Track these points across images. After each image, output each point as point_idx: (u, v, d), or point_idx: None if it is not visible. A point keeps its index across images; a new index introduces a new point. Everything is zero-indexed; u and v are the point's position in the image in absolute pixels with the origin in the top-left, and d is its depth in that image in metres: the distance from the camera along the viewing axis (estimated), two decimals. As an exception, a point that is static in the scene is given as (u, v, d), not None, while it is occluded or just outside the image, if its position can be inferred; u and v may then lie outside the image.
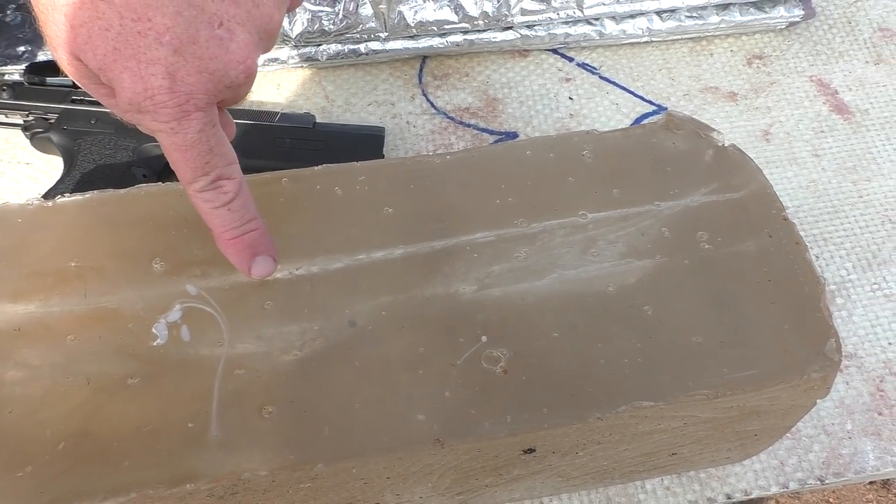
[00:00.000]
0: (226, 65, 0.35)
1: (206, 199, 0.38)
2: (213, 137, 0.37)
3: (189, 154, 0.37)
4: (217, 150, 0.37)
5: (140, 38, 0.33)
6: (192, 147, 0.36)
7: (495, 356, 0.41)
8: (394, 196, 0.46)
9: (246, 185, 0.40)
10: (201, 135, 0.36)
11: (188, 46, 0.34)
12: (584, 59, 0.72)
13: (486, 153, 0.47)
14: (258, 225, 0.41)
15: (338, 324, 0.42)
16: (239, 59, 0.36)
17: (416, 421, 0.39)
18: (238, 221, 0.40)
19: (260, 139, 0.61)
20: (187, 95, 0.35)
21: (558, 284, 0.44)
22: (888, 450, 0.55)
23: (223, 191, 0.38)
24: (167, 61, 0.34)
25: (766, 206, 0.46)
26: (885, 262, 0.63)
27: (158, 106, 0.35)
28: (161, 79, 0.34)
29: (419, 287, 0.44)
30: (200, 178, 0.38)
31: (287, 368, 0.41)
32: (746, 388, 0.40)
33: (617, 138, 0.48)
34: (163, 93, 0.34)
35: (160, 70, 0.34)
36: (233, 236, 0.40)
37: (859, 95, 0.71)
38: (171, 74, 0.34)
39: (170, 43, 0.34)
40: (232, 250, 0.41)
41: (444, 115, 0.68)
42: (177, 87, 0.34)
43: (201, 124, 0.36)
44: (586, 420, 0.39)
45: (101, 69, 0.35)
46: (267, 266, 0.41)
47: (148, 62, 0.34)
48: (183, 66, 0.34)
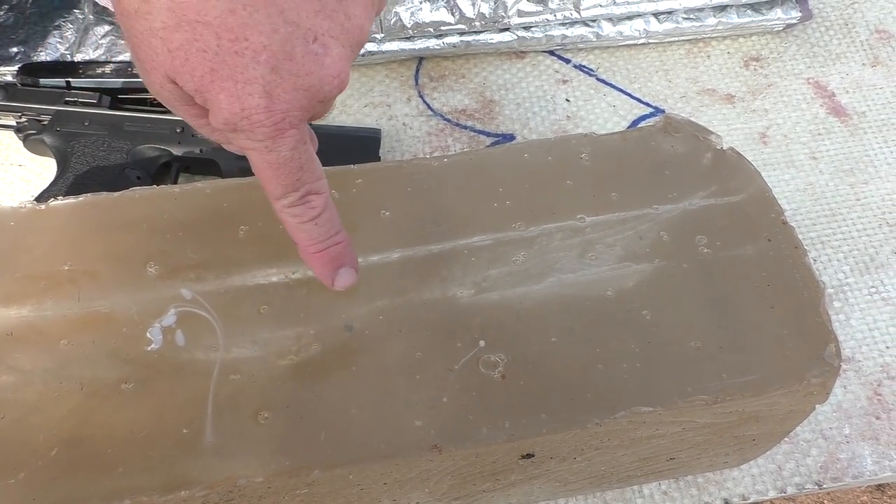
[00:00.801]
0: (321, 80, 0.35)
1: (295, 213, 0.38)
2: (304, 154, 0.36)
3: (281, 171, 0.36)
4: (307, 166, 0.37)
5: (237, 57, 0.33)
6: (284, 164, 0.36)
7: (493, 361, 0.41)
8: (390, 199, 0.45)
9: (331, 200, 0.40)
10: (294, 152, 0.36)
11: (284, 63, 0.34)
12: (581, 60, 0.72)
13: (483, 156, 0.47)
14: (343, 238, 0.41)
15: (334, 328, 0.42)
16: (333, 74, 0.35)
17: (414, 427, 0.39)
18: (324, 235, 0.40)
19: (255, 141, 0.61)
20: (283, 113, 0.35)
21: (556, 288, 0.43)
22: (886, 454, 0.55)
23: (311, 206, 0.38)
24: (264, 80, 0.34)
25: (764, 209, 0.45)
26: (882, 265, 0.62)
27: (255, 125, 0.34)
28: (258, 98, 0.34)
29: (416, 291, 0.43)
30: (290, 194, 0.37)
31: (283, 373, 0.40)
32: (745, 393, 0.40)
33: (615, 141, 0.48)
34: (260, 112, 0.34)
35: (257, 89, 0.34)
36: (318, 250, 0.40)
37: (856, 98, 0.70)
38: (269, 93, 0.34)
39: (267, 61, 0.33)
40: (317, 263, 0.41)
41: (440, 116, 0.68)
42: (273, 106, 0.34)
43: (294, 142, 0.36)
44: (585, 426, 0.39)
45: (198, 90, 0.34)
46: (350, 277, 0.42)
47: (245, 82, 0.33)
48: (280, 83, 0.34)
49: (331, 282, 0.41)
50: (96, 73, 0.63)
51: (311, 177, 0.38)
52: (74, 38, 0.63)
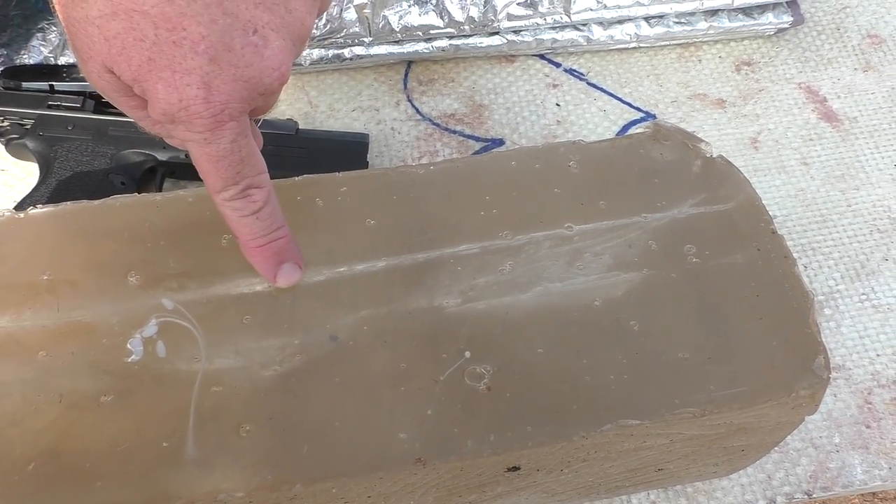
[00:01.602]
0: (261, 72, 0.35)
1: (235, 207, 0.38)
2: (245, 147, 0.36)
3: (220, 164, 0.36)
4: (248, 159, 0.37)
5: (175, 47, 0.33)
6: (224, 157, 0.36)
7: (479, 372, 0.40)
8: (376, 207, 0.45)
9: (274, 193, 0.40)
10: (234, 145, 0.36)
11: (224, 54, 0.34)
12: (571, 64, 0.71)
13: (470, 163, 0.47)
14: (285, 233, 0.41)
15: (319, 338, 0.42)
16: (273, 66, 0.35)
17: (398, 439, 0.38)
18: (266, 230, 0.40)
19: (241, 146, 0.60)
20: (222, 105, 0.35)
21: (544, 298, 0.43)
22: (876, 463, 0.55)
23: (252, 199, 0.38)
24: (202, 70, 0.33)
25: (754, 218, 0.45)
26: (873, 272, 0.62)
27: (193, 116, 0.34)
28: (196, 88, 0.34)
29: (402, 300, 0.43)
30: (230, 188, 0.37)
31: (266, 384, 0.40)
32: (734, 405, 0.40)
33: (604, 149, 0.47)
34: (198, 103, 0.34)
35: (196, 80, 0.34)
36: (259, 244, 0.40)
37: (848, 103, 0.70)
38: (207, 84, 0.34)
39: (205, 52, 0.33)
40: (259, 258, 0.41)
41: (429, 121, 0.67)
42: (212, 97, 0.34)
43: (234, 134, 0.36)
44: (571, 439, 0.39)
45: (136, 80, 0.34)
46: (293, 273, 0.41)
47: (183, 72, 0.33)
48: (218, 74, 0.34)
49: (273, 277, 0.41)
50: (80, 76, 0.62)
51: (252, 170, 0.38)
52: (58, 41, 0.63)
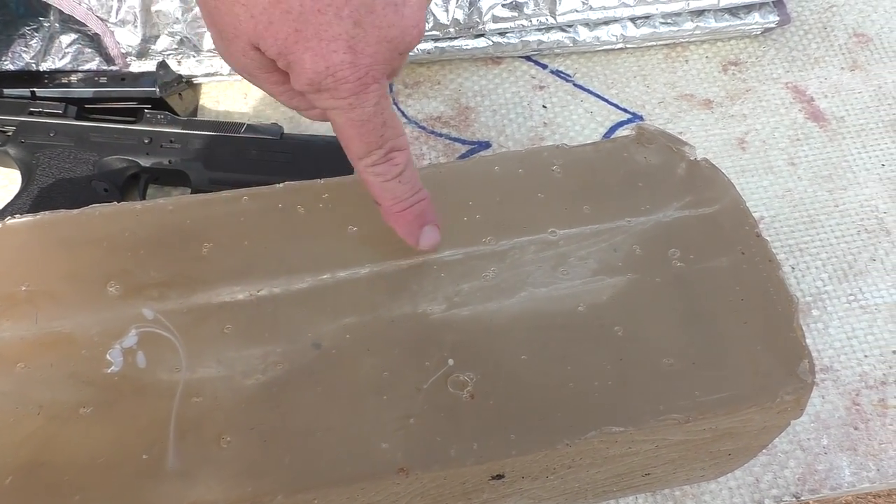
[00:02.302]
0: (402, 31, 0.35)
1: (379, 172, 0.38)
2: (386, 109, 0.37)
3: (365, 128, 0.37)
4: (390, 121, 0.37)
5: (320, 15, 0.33)
6: (368, 121, 0.36)
7: (462, 380, 0.40)
8: (359, 214, 0.45)
9: (411, 155, 0.40)
10: (377, 107, 0.36)
11: (367, 17, 0.34)
12: (557, 66, 0.71)
13: (453, 169, 0.46)
14: (425, 195, 0.41)
15: (302, 346, 0.41)
16: (412, 23, 0.36)
17: (380, 449, 0.38)
18: (409, 192, 0.40)
19: (225, 151, 0.60)
20: (367, 67, 0.35)
21: (528, 303, 0.43)
22: (864, 465, 0.55)
23: (394, 163, 0.38)
24: (348, 35, 0.34)
25: (738, 222, 0.45)
26: (860, 272, 0.62)
27: (340, 82, 0.35)
28: (343, 53, 0.34)
29: (386, 307, 0.43)
30: (374, 152, 0.38)
31: (248, 394, 0.40)
32: (718, 411, 0.40)
33: (587, 153, 0.47)
34: (345, 68, 0.34)
35: (342, 45, 0.34)
36: (403, 208, 0.40)
37: (835, 102, 0.70)
38: (353, 48, 0.34)
39: (350, 16, 0.34)
40: (402, 222, 0.41)
41: (415, 124, 0.67)
42: (358, 61, 0.35)
43: (377, 96, 0.36)
44: (555, 446, 0.39)
45: (282, 53, 0.35)
46: (434, 236, 0.42)
47: (330, 39, 0.34)
48: (363, 37, 0.34)
49: (416, 240, 0.41)
50: (62, 82, 0.62)
51: (394, 132, 0.38)
52: (39, 46, 0.62)
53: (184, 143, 0.60)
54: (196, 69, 0.65)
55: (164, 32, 0.64)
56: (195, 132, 0.60)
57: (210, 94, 0.67)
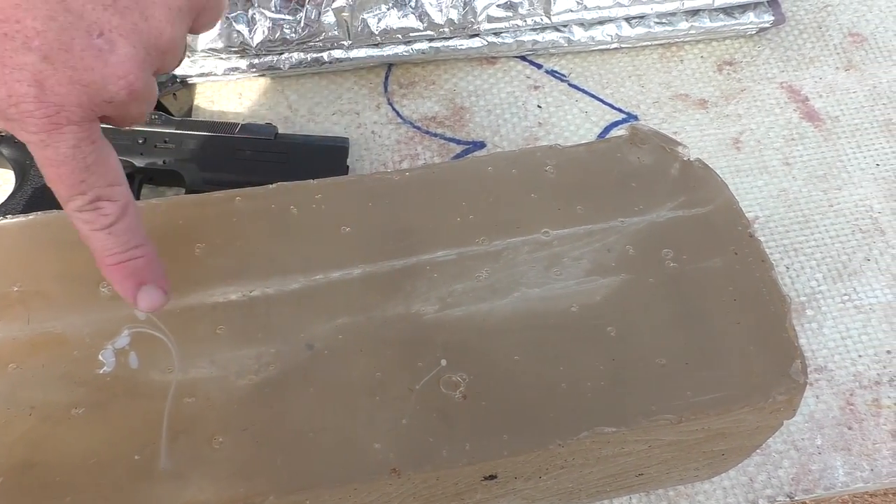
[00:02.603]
0: (104, 78, 0.33)
1: (85, 219, 0.36)
2: (90, 155, 0.34)
3: (62, 170, 0.34)
4: (95, 168, 0.35)
5: (7, 40, 0.31)
6: (64, 163, 0.34)
7: (455, 381, 0.40)
8: (351, 214, 0.45)
9: (134, 209, 0.37)
10: (76, 150, 0.34)
11: (60, 54, 0.32)
12: (552, 66, 0.71)
13: (446, 169, 0.46)
14: (144, 252, 0.38)
15: (295, 347, 0.41)
16: (119, 74, 0.34)
17: (373, 450, 0.38)
18: (120, 247, 0.37)
19: (219, 152, 0.60)
20: (57, 107, 0.33)
21: (521, 304, 0.43)
22: (858, 465, 0.55)
23: (103, 213, 0.36)
24: (35, 68, 0.32)
25: (731, 222, 0.45)
26: (855, 272, 0.62)
27: (24, 115, 0.33)
28: (27, 86, 0.32)
29: (379, 308, 0.43)
30: (76, 197, 0.35)
31: (241, 394, 0.40)
32: (710, 411, 0.40)
33: (580, 153, 0.47)
34: (28, 101, 0.32)
35: (27, 76, 0.32)
36: (114, 262, 0.37)
37: (830, 102, 0.70)
38: (40, 83, 0.32)
39: (39, 48, 0.32)
40: (114, 277, 0.38)
41: (410, 124, 0.67)
42: (45, 97, 0.32)
43: (75, 139, 0.34)
44: (547, 447, 0.39)
45: None
46: (154, 297, 0.38)
47: (13, 67, 0.32)
48: (52, 74, 0.32)
49: (132, 299, 0.38)
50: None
51: (101, 181, 0.35)
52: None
53: (178, 144, 0.60)
54: (190, 69, 0.65)
55: (158, 32, 0.63)
56: (189, 132, 0.60)
57: (205, 94, 0.67)
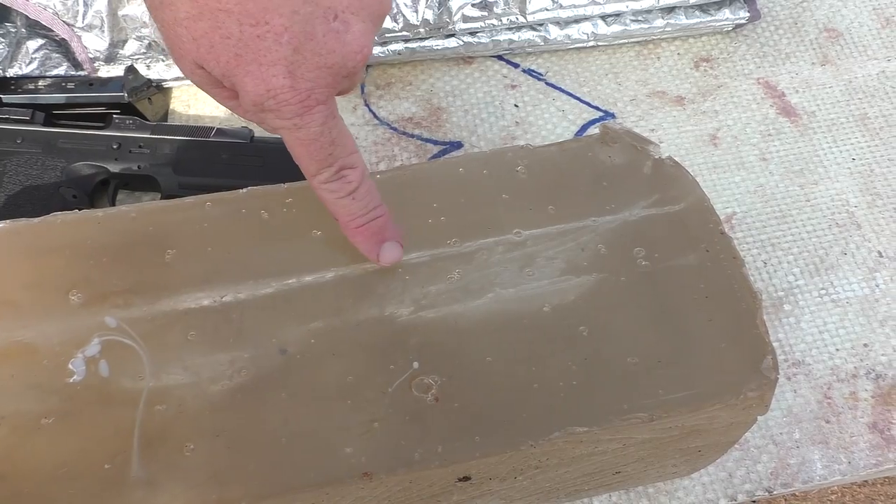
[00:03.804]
0: (343, 57, 0.36)
1: (331, 189, 0.39)
2: (334, 129, 0.38)
3: (312, 147, 0.38)
4: (339, 140, 0.38)
5: (259, 41, 0.35)
6: (315, 140, 0.37)
7: (427, 383, 0.40)
8: (322, 218, 0.44)
9: (368, 174, 0.41)
10: (323, 127, 0.37)
11: (306, 44, 0.35)
12: (529, 65, 0.71)
13: (416, 171, 0.46)
14: (383, 211, 0.42)
15: (268, 352, 0.41)
16: (356, 50, 0.37)
17: (344, 454, 0.38)
18: (363, 209, 0.41)
19: (195, 156, 0.60)
20: (308, 91, 0.36)
21: (494, 304, 0.43)
22: (835, 458, 0.55)
23: (347, 180, 0.39)
24: (287, 60, 0.35)
25: (703, 220, 0.45)
26: (832, 266, 0.63)
27: (281, 104, 0.36)
28: (283, 78, 0.35)
29: (352, 311, 0.42)
30: (324, 170, 0.39)
31: (214, 400, 0.39)
32: (682, 409, 0.40)
33: (552, 153, 0.47)
34: (285, 91, 0.35)
35: (281, 70, 0.35)
36: (359, 224, 0.41)
37: (806, 97, 0.70)
38: (292, 73, 0.35)
39: (289, 42, 0.35)
40: (360, 238, 0.42)
41: (386, 125, 0.67)
42: (297, 85, 0.36)
43: (323, 117, 0.37)
44: (519, 448, 0.39)
45: (225, 75, 0.36)
46: (394, 251, 0.42)
47: (269, 64, 0.35)
48: (302, 63, 0.35)
49: (376, 257, 0.42)
50: (29, 88, 0.61)
51: (344, 151, 0.39)
52: (6, 52, 0.62)
53: (153, 149, 0.60)
54: (166, 73, 0.65)
55: (131, 37, 0.63)
56: (164, 137, 0.60)
57: (181, 98, 0.67)
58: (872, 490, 1.30)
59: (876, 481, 1.29)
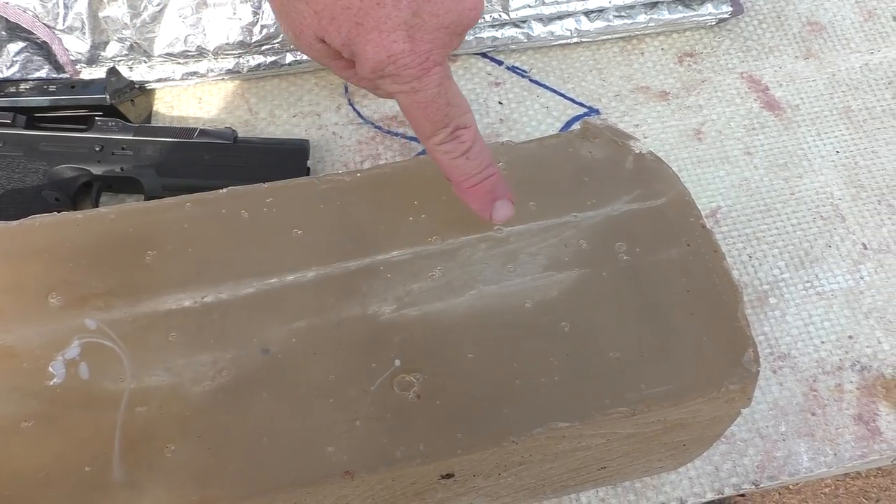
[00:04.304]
0: (459, 15, 0.37)
1: (447, 150, 0.40)
2: (450, 89, 0.38)
3: (429, 109, 0.38)
4: (454, 101, 0.39)
5: (379, 8, 0.35)
6: (432, 102, 0.38)
7: (408, 381, 0.40)
8: (304, 217, 0.44)
9: (479, 132, 0.41)
10: (440, 88, 0.38)
11: (424, 6, 0.36)
12: (513, 62, 0.71)
13: (397, 169, 0.46)
14: (495, 170, 0.42)
15: (250, 352, 0.41)
16: (470, 6, 0.38)
17: (326, 453, 0.38)
18: (477, 168, 0.41)
19: (178, 157, 0.60)
20: (427, 53, 0.37)
21: (477, 301, 0.43)
22: (821, 450, 0.55)
23: (461, 140, 0.40)
24: (406, 25, 0.36)
25: (684, 214, 0.45)
26: (816, 259, 0.63)
27: (401, 69, 0.37)
28: (403, 43, 0.36)
29: (333, 310, 0.42)
30: (440, 131, 0.39)
31: (195, 401, 0.39)
32: (664, 403, 0.40)
33: (532, 149, 0.47)
34: (405, 55, 0.36)
35: (401, 35, 0.36)
36: (473, 183, 0.41)
37: (790, 91, 0.71)
38: (412, 37, 0.36)
39: (407, 7, 0.36)
40: (473, 197, 0.42)
41: (371, 124, 0.67)
42: (417, 48, 0.36)
43: (440, 78, 0.38)
44: (501, 444, 0.39)
45: (345, 45, 0.37)
46: (507, 209, 0.42)
47: (389, 30, 0.36)
48: (422, 25, 0.36)
49: (489, 215, 0.42)
50: (11, 91, 0.61)
51: (458, 111, 0.39)
52: (-13, 56, 0.62)
53: (135, 150, 0.59)
54: (148, 75, 0.65)
55: (113, 38, 0.63)
56: (147, 139, 0.60)
57: (164, 100, 0.67)
58: (866, 483, 1.31)
59: (869, 473, 1.30)
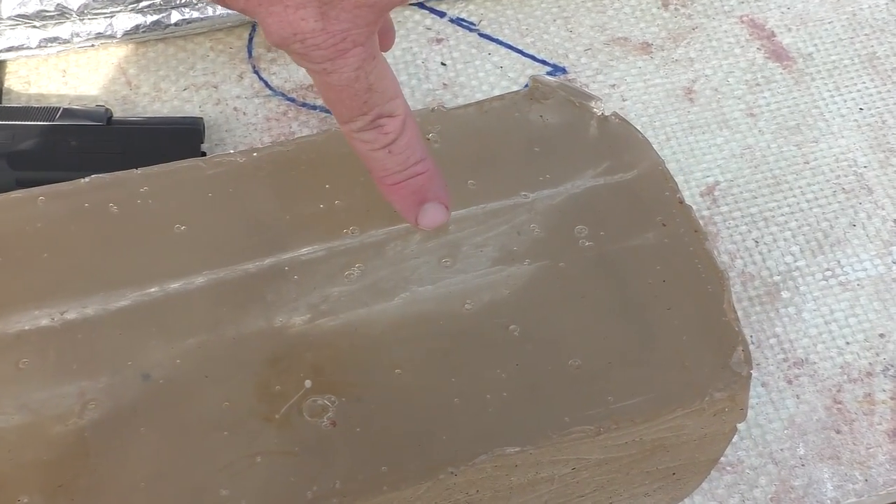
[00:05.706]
0: None
1: (365, 139, 0.41)
2: (372, 72, 0.39)
3: (345, 93, 0.39)
4: (377, 85, 0.40)
5: None
6: (348, 86, 0.39)
7: (322, 405, 0.41)
8: (188, 209, 0.45)
9: (412, 121, 0.42)
10: (359, 72, 0.39)
11: None
12: (458, 13, 0.73)
13: (303, 145, 0.48)
14: (425, 167, 0.43)
15: (126, 378, 0.42)
16: None
17: (220, 498, 0.39)
18: (401, 165, 0.42)
19: (36, 144, 0.60)
20: (343, 33, 0.37)
21: (407, 306, 0.44)
22: (849, 476, 0.57)
23: (383, 131, 0.41)
24: (320, 1, 0.36)
25: (657, 188, 0.47)
26: (838, 241, 0.65)
27: (310, 49, 0.37)
28: (313, 21, 0.36)
29: (230, 323, 0.44)
30: (358, 119, 0.40)
31: (55, 443, 0.40)
32: (636, 418, 0.41)
33: (470, 115, 0.49)
34: (315, 35, 0.37)
35: (311, 13, 0.36)
36: (395, 181, 0.43)
37: (801, 36, 0.73)
38: (325, 14, 0.36)
39: None
40: (395, 197, 0.43)
41: (281, 96, 0.68)
42: (330, 27, 0.37)
43: (359, 61, 0.38)
44: (437, 477, 0.40)
45: (245, 10, 0.38)
46: (437, 214, 0.44)
47: (297, 6, 0.36)
48: (338, 3, 0.36)
49: (414, 219, 0.44)
50: None
51: (382, 97, 0.40)
52: None
53: (-19, 138, 0.60)
54: (-4, 44, 0.66)
55: (-52, -1, 0.64)
56: (-6, 123, 0.61)
57: (17, 73, 0.68)
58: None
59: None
